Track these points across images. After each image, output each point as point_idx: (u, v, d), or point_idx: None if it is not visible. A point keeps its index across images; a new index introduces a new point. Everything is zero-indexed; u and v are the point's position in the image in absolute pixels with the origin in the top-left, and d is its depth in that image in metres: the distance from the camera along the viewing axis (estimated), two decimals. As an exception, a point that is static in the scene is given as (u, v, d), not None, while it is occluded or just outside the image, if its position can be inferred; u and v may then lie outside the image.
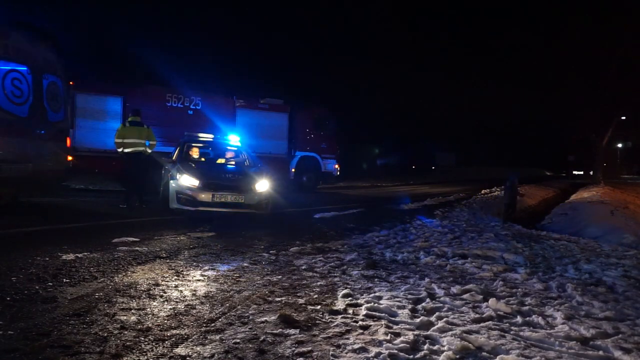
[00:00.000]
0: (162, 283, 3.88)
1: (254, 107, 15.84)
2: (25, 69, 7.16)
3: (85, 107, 12.61)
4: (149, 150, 9.33)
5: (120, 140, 9.11)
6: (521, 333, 3.05)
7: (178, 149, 9.63)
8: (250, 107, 15.74)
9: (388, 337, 2.83)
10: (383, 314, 3.28)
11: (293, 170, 16.66)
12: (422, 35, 57.29)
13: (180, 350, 2.55)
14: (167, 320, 3.02)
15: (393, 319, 3.22)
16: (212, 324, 2.98)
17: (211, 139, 10.13)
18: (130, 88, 13.41)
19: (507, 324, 3.21)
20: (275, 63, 42.69)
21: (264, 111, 15.98)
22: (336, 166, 18.03)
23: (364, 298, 3.65)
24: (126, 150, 9.08)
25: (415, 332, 2.97)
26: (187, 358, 2.46)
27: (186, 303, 3.38)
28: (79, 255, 4.66)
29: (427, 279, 4.37)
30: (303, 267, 4.69)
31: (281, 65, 41.61)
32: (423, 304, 3.58)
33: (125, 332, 2.76)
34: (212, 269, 4.48)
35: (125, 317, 3.01)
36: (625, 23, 27.31)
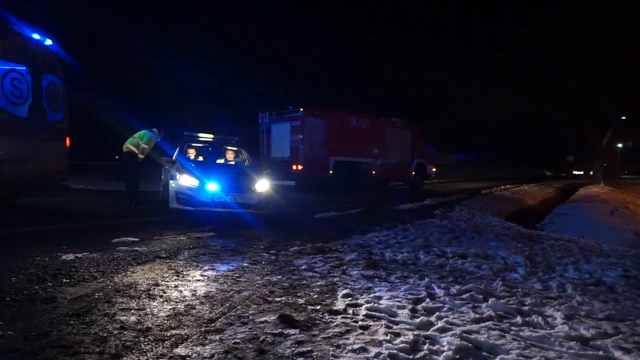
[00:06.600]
0: (162, 283, 3.88)
1: (393, 126, 20.66)
2: (24, 68, 7.16)
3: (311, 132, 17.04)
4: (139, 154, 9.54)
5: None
6: (521, 333, 3.04)
7: (178, 149, 9.62)
8: (392, 125, 20.59)
9: (388, 337, 2.83)
10: (383, 314, 3.28)
11: (413, 173, 21.72)
12: (421, 35, 57.24)
13: (180, 351, 2.54)
14: (167, 320, 3.01)
15: (393, 319, 3.22)
16: (212, 324, 2.98)
17: (211, 139, 10.12)
18: (331, 114, 18.10)
19: (507, 324, 3.21)
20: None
21: (398, 129, 20.80)
22: (434, 169, 23.45)
23: (363, 298, 3.65)
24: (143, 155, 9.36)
25: (415, 332, 2.97)
26: (187, 358, 2.46)
27: (186, 303, 3.38)
28: (79, 256, 4.66)
29: (427, 279, 4.37)
30: (303, 267, 4.69)
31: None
32: (423, 304, 3.58)
33: (125, 332, 2.76)
34: (212, 269, 4.48)
35: (125, 317, 3.01)
36: (625, 23, 27.32)
